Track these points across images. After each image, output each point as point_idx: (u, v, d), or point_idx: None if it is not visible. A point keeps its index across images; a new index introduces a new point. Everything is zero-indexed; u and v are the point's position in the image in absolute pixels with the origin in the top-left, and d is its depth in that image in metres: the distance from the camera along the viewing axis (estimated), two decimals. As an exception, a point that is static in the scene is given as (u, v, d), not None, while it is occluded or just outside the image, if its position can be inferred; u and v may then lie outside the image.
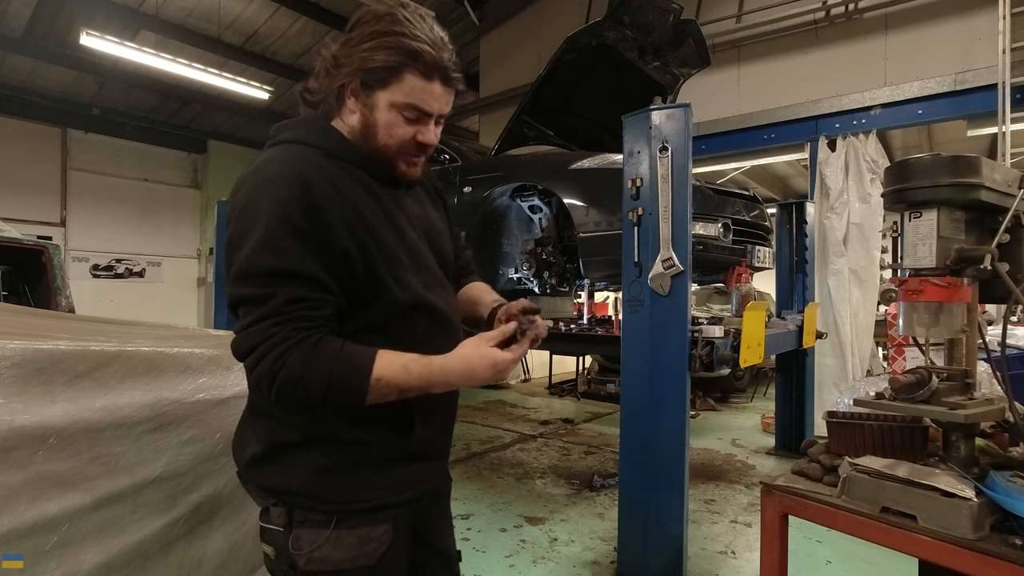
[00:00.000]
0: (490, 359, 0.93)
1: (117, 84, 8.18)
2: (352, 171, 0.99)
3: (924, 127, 6.04)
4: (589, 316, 3.96)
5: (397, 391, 0.90)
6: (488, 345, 0.94)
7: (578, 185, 3.22)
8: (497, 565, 2.62)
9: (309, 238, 0.89)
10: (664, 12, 3.27)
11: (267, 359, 0.86)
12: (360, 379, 0.88)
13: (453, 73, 0.99)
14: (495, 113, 7.58)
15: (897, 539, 1.06)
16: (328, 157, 0.98)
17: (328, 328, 0.92)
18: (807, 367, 4.42)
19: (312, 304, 0.90)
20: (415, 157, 1.03)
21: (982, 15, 4.46)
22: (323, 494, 0.97)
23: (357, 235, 0.93)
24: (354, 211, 0.94)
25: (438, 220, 1.19)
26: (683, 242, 2.35)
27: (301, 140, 0.99)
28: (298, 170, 0.92)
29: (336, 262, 0.91)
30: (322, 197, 0.91)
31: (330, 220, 0.91)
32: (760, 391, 7.09)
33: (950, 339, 1.23)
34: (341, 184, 0.95)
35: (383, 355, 0.90)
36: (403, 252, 1.00)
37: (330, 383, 0.87)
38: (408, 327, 1.00)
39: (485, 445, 4.74)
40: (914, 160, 1.20)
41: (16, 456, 1.14)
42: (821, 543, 2.79)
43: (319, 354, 0.87)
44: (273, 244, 0.88)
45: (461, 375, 0.93)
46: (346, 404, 0.90)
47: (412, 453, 1.05)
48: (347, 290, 0.94)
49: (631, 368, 2.48)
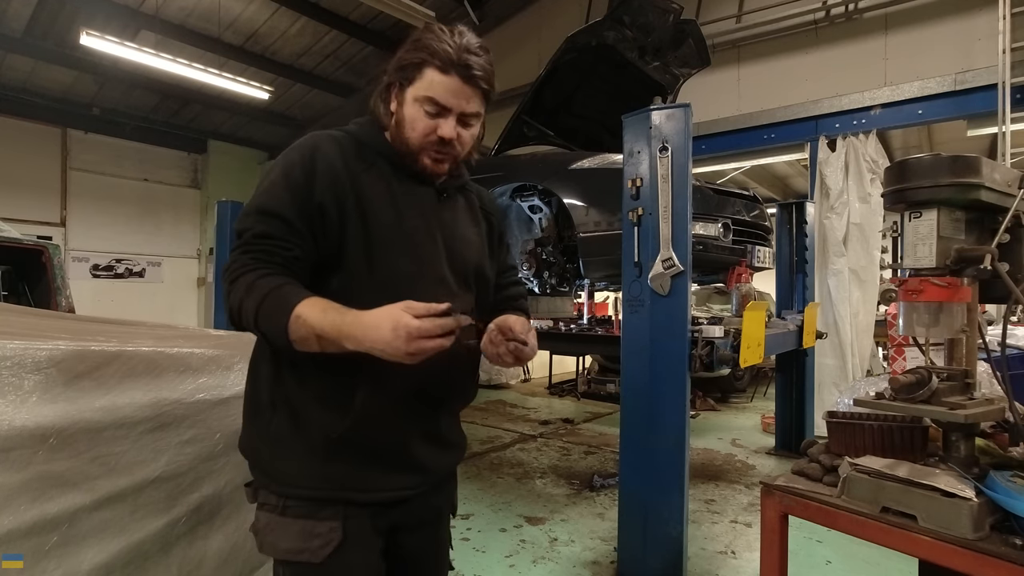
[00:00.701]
0: (395, 318, 0.86)
1: (117, 84, 8.18)
2: (374, 158, 1.07)
3: (924, 127, 6.04)
4: (589, 316, 3.96)
5: (313, 334, 0.89)
6: (406, 310, 0.87)
7: (578, 185, 3.22)
8: (497, 565, 2.62)
9: (296, 187, 0.99)
10: (664, 12, 3.27)
11: (226, 282, 0.96)
12: (283, 312, 0.90)
13: (475, 72, 1.02)
14: (495, 113, 7.51)
15: (897, 539, 1.06)
16: (356, 142, 1.08)
17: (289, 269, 0.97)
18: (807, 367, 4.43)
19: (279, 243, 0.97)
20: (438, 153, 1.05)
21: (982, 15, 4.46)
22: (273, 469, 1.02)
23: (341, 197, 1.00)
24: (351, 179, 1.01)
25: (472, 233, 1.20)
26: (683, 242, 2.35)
27: (341, 128, 1.11)
28: (316, 142, 1.04)
29: (312, 212, 0.98)
30: (322, 160, 1.01)
31: (319, 175, 0.99)
32: (760, 391, 7.09)
33: (950, 339, 1.23)
34: (351, 159, 1.04)
35: (314, 298, 0.93)
36: (395, 235, 1.03)
37: (259, 311, 0.91)
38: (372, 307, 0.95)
39: (485, 445, 4.74)
40: (914, 160, 1.20)
41: (16, 456, 1.14)
42: (821, 543, 2.79)
43: (261, 283, 0.93)
44: (269, 190, 1.00)
45: (365, 329, 0.88)
46: (276, 341, 0.93)
47: (361, 448, 1.02)
48: (320, 244, 1.00)
49: (631, 368, 2.48)
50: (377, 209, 1.02)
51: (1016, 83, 4.11)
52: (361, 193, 1.02)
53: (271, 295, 0.92)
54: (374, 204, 1.02)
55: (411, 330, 0.85)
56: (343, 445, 1.00)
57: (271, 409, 1.03)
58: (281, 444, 1.02)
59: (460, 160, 1.11)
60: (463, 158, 1.11)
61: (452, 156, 1.07)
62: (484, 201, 1.28)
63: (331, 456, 1.00)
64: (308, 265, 1.00)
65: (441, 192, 1.13)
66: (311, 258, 1.00)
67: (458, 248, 1.13)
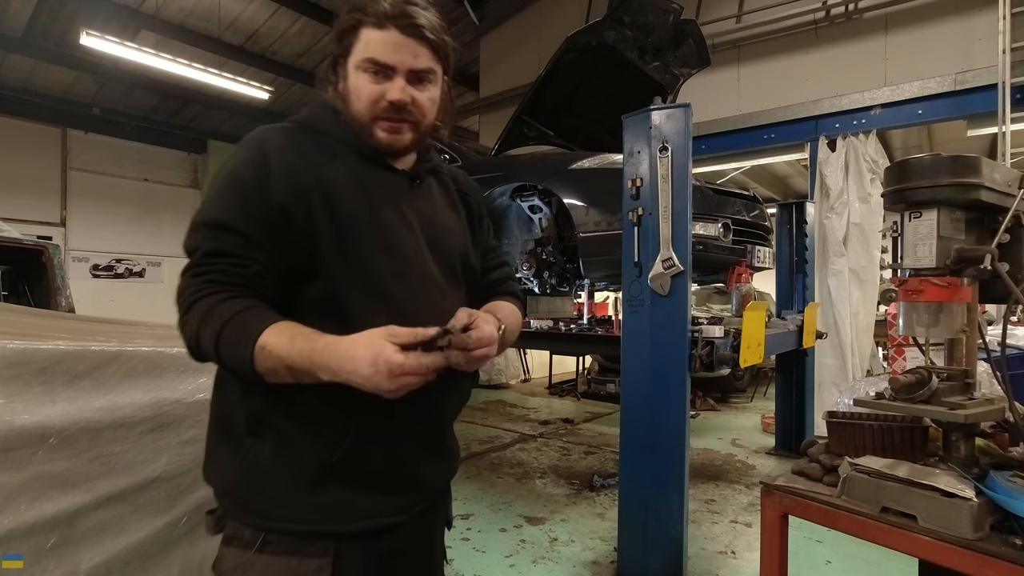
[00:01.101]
0: (375, 352, 0.75)
1: (117, 84, 8.18)
2: (335, 147, 0.95)
3: (924, 127, 6.04)
4: (589, 316, 3.96)
5: (283, 365, 0.79)
6: (388, 339, 0.77)
7: (578, 185, 3.22)
8: (497, 565, 2.62)
9: (248, 191, 0.86)
10: (664, 12, 3.27)
11: (179, 312, 0.85)
12: (245, 342, 0.79)
13: (416, 21, 0.90)
14: (495, 113, 7.58)
15: (897, 539, 1.06)
16: (312, 132, 0.96)
17: (250, 289, 0.85)
18: (807, 367, 4.42)
19: (234, 261, 0.84)
20: (392, 122, 0.93)
21: (982, 15, 4.45)
22: (250, 499, 0.89)
23: (304, 194, 0.88)
24: (313, 175, 0.90)
25: (451, 220, 1.08)
26: (683, 242, 2.35)
27: (292, 119, 1.00)
28: (265, 136, 0.93)
29: (272, 218, 0.86)
30: (277, 157, 0.89)
31: (275, 174, 0.87)
32: (760, 391, 7.09)
33: (950, 339, 1.23)
34: (309, 150, 0.92)
35: (281, 324, 0.81)
36: (368, 228, 0.91)
37: (218, 343, 0.80)
38: (360, 315, 0.87)
39: (485, 445, 4.74)
40: (914, 160, 1.20)
41: (16, 456, 1.14)
42: (821, 543, 2.79)
43: (218, 311, 0.81)
44: (216, 199, 0.88)
45: (340, 360, 0.77)
46: (242, 374, 0.82)
47: (357, 470, 0.91)
48: (287, 252, 0.87)
49: (631, 368, 2.48)
50: (348, 205, 0.91)
51: (1016, 83, 4.11)
52: (327, 189, 0.90)
53: (231, 324, 0.80)
54: (343, 200, 0.90)
55: (392, 367, 0.75)
56: (338, 469, 0.89)
57: (248, 432, 0.90)
58: (262, 471, 0.89)
59: (423, 130, 0.98)
60: (426, 128, 0.98)
61: (411, 123, 0.95)
62: (460, 182, 1.16)
63: (324, 482, 0.89)
64: (274, 279, 0.88)
65: (414, 178, 1.02)
66: (277, 270, 0.88)
67: (440, 238, 1.02)
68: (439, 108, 1.00)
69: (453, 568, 2.58)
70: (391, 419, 0.91)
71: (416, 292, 0.94)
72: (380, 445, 0.92)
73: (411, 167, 1.03)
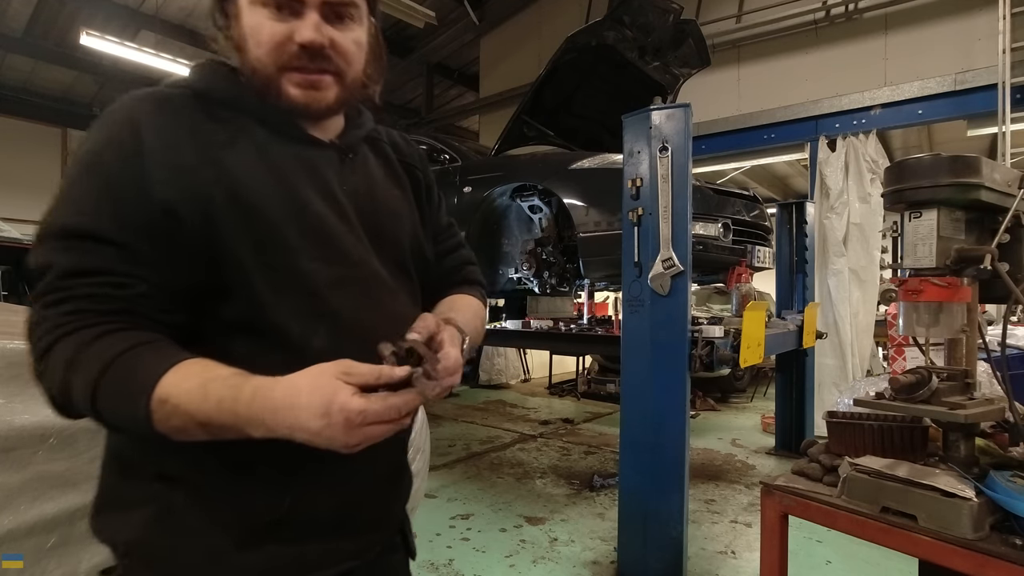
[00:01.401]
0: (325, 397, 0.57)
1: (117, 84, 8.16)
2: (234, 118, 0.72)
3: (924, 127, 6.04)
4: (589, 316, 3.96)
5: (194, 423, 0.58)
6: (341, 378, 0.58)
7: (578, 185, 3.23)
8: (497, 565, 2.63)
9: (115, 184, 0.63)
10: (664, 12, 3.27)
11: (33, 358, 0.63)
12: (137, 395, 0.58)
13: None
14: (495, 113, 7.58)
15: (897, 539, 1.06)
16: (201, 99, 0.71)
17: (135, 316, 0.63)
18: (807, 367, 4.43)
19: (106, 279, 0.62)
20: (306, 72, 0.71)
21: (982, 15, 4.45)
22: (162, 562, 0.68)
23: (199, 190, 0.65)
24: (209, 158, 0.67)
25: (394, 199, 0.86)
26: (683, 242, 2.35)
27: (173, 83, 0.74)
28: (134, 105, 0.68)
29: (153, 220, 0.63)
30: (151, 136, 0.65)
31: (152, 162, 0.64)
32: (760, 391, 7.09)
33: (950, 339, 1.23)
34: (200, 128, 0.69)
35: (188, 365, 0.60)
36: (291, 225, 0.70)
37: (96, 396, 0.59)
38: (295, 338, 0.69)
39: (485, 445, 4.74)
40: (914, 160, 1.20)
41: (16, 456, 1.14)
42: (821, 543, 2.79)
43: (93, 351, 0.59)
44: (72, 195, 0.64)
45: (277, 412, 0.57)
46: (131, 432, 0.63)
47: (300, 523, 0.72)
48: (182, 265, 0.65)
49: (631, 368, 2.48)
50: (263, 200, 0.69)
51: (1016, 83, 4.11)
52: (233, 182, 0.67)
53: (114, 368, 0.59)
54: (256, 193, 0.68)
55: (351, 416, 0.56)
56: (276, 526, 0.70)
57: (156, 480, 0.69)
58: (174, 527, 0.68)
59: (349, 84, 0.75)
60: (353, 82, 0.76)
61: (331, 73, 0.73)
62: (401, 150, 0.93)
63: (257, 541, 0.69)
64: (166, 301, 0.65)
65: (344, 152, 0.80)
66: (170, 289, 0.65)
67: (383, 226, 0.82)
68: (367, 56, 0.77)
69: (453, 568, 2.58)
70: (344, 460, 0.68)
71: (361, 301, 0.75)
72: (330, 492, 0.74)
73: (339, 136, 0.81)
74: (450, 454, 4.42)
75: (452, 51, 8.03)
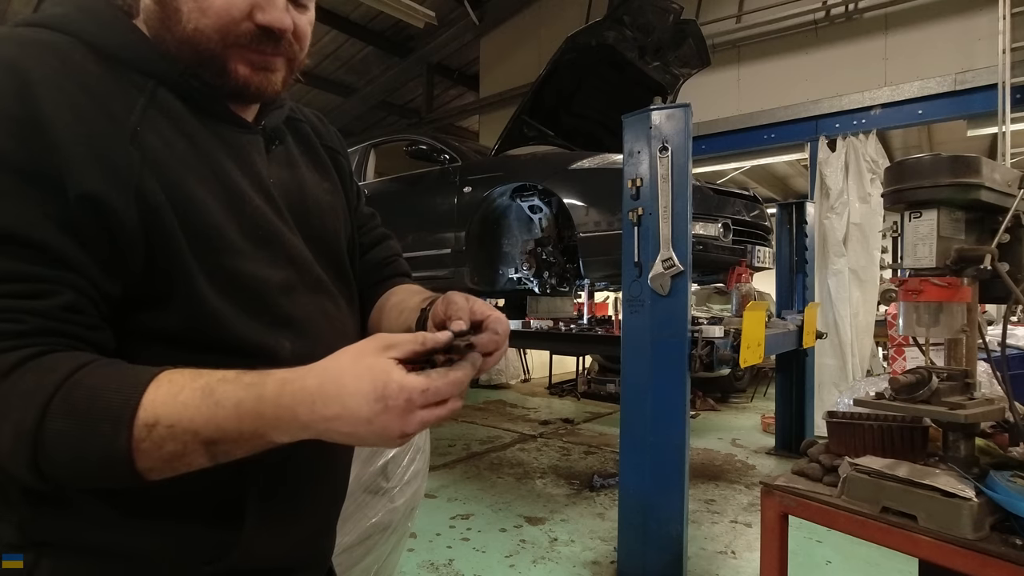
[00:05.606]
0: (378, 378, 0.47)
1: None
2: (140, 82, 0.57)
3: (924, 127, 6.04)
4: (589, 316, 3.96)
5: (198, 442, 0.47)
6: (386, 355, 0.48)
7: (578, 185, 3.23)
8: (497, 565, 2.63)
9: (22, 171, 0.49)
10: (664, 12, 3.27)
11: None
12: (107, 428, 0.45)
13: None
14: (495, 113, 7.58)
15: (897, 539, 1.06)
16: (100, 59, 0.56)
17: (63, 333, 0.50)
18: (807, 367, 4.43)
19: (25, 289, 0.48)
20: (263, 55, 0.61)
21: (982, 15, 4.46)
22: None
23: (123, 176, 0.52)
24: (125, 139, 0.53)
25: (323, 192, 0.76)
26: (683, 242, 2.35)
27: (56, 24, 0.56)
28: (13, 59, 0.51)
29: (75, 211, 0.50)
30: (52, 105, 0.50)
31: (64, 141, 0.50)
32: (760, 391, 7.09)
33: (950, 339, 1.23)
34: (109, 94, 0.54)
35: (168, 377, 0.49)
36: (232, 225, 0.59)
37: (38, 439, 0.45)
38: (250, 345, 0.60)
39: (485, 445, 4.74)
40: (914, 160, 1.20)
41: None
42: (821, 543, 2.79)
43: (26, 381, 0.46)
44: None
45: (315, 402, 0.47)
46: (95, 479, 0.48)
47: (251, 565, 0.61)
48: (116, 266, 0.53)
49: (631, 368, 2.48)
50: (194, 186, 0.57)
51: (1016, 83, 4.11)
52: (158, 162, 0.55)
53: (61, 399, 0.46)
54: (181, 175, 0.56)
55: (413, 396, 0.47)
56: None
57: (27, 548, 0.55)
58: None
59: (295, 69, 0.68)
60: (298, 67, 0.68)
61: (286, 60, 0.64)
62: (321, 133, 0.82)
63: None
64: (93, 312, 0.52)
65: (271, 138, 0.69)
66: (96, 297, 0.52)
67: (317, 223, 0.72)
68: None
69: (453, 568, 2.58)
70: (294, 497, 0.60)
71: (309, 309, 0.66)
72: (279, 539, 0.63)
73: (261, 116, 0.69)
74: (450, 454, 4.42)
75: (452, 51, 8.03)
